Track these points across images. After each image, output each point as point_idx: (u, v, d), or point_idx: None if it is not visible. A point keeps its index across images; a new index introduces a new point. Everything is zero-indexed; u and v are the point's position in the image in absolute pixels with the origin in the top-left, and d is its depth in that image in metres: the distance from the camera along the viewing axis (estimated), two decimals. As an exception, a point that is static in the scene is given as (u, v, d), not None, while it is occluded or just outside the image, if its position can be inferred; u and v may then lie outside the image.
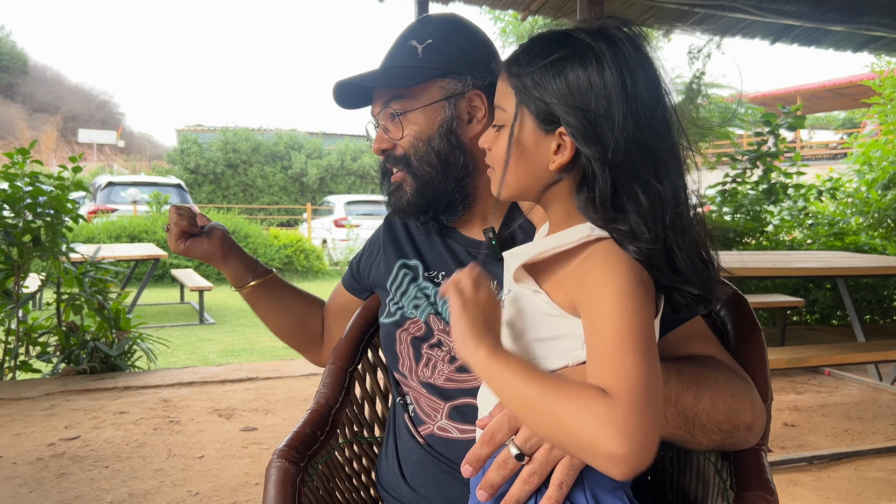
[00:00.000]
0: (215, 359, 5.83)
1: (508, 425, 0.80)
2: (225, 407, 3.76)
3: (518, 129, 0.84)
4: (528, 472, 0.78)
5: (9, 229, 4.12)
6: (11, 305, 4.25)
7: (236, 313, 8.38)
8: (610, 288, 0.76)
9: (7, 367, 4.32)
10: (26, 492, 2.67)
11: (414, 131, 1.15)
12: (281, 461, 1.06)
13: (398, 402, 1.17)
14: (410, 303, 1.16)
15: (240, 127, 24.25)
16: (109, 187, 13.90)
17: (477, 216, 1.17)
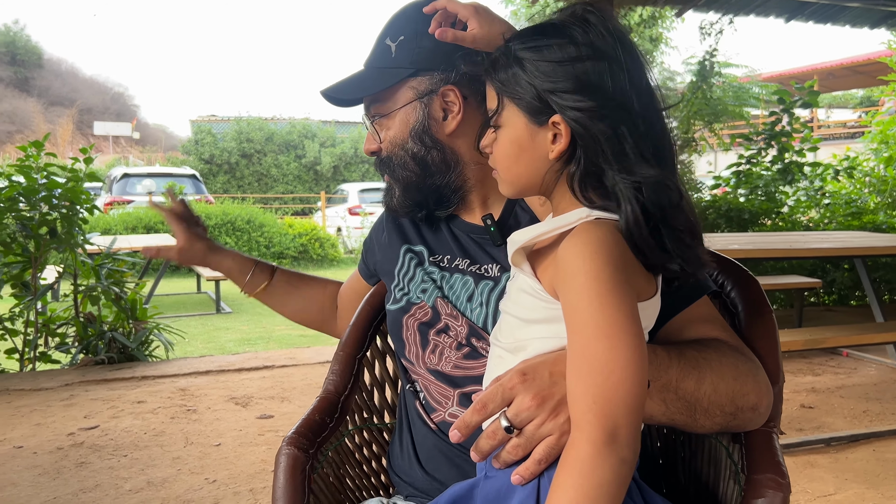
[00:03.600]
0: (232, 347, 5.88)
1: (502, 396, 0.81)
2: (241, 395, 3.79)
3: (511, 127, 0.86)
4: (514, 444, 0.81)
5: (25, 222, 4.16)
6: (30, 297, 4.30)
7: (252, 302, 8.42)
8: (577, 278, 0.76)
9: (27, 358, 4.38)
10: (47, 480, 2.70)
11: (390, 136, 1.15)
12: (290, 448, 1.07)
13: (408, 389, 1.17)
14: (417, 287, 1.16)
15: (253, 116, 24.33)
16: (125, 179, 14.01)
17: (476, 202, 1.17)
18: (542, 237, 0.84)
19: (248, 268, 1.41)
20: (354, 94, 1.17)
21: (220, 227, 11.76)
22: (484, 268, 1.12)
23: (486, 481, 0.85)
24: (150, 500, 2.53)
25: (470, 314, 1.10)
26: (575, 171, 0.82)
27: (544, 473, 0.79)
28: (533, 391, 0.79)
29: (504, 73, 0.85)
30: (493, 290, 1.09)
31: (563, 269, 0.78)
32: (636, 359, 0.73)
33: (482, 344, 1.07)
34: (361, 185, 16.31)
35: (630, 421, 0.72)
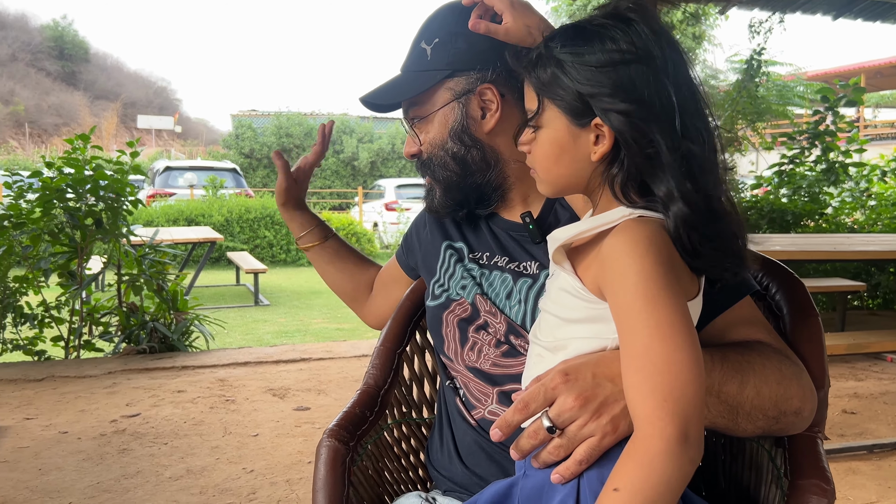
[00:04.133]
0: (269, 339, 5.96)
1: (544, 396, 0.81)
2: (279, 387, 3.84)
3: (552, 128, 0.85)
4: (556, 445, 0.81)
5: (73, 212, 4.26)
6: (75, 287, 4.41)
7: (290, 295, 8.53)
8: (628, 276, 0.76)
9: (72, 346, 4.49)
10: (91, 466, 2.77)
11: (429, 138, 1.16)
12: (331, 440, 1.08)
13: (447, 386, 1.17)
14: (457, 284, 1.17)
15: (293, 111, 24.58)
16: (167, 172, 14.28)
17: (516, 199, 1.17)
18: (583, 235, 0.84)
19: (310, 225, 1.45)
20: (393, 98, 1.18)
21: (259, 220, 11.91)
22: (523, 265, 1.12)
23: (526, 479, 0.85)
24: (189, 487, 2.58)
25: (509, 311, 1.10)
26: (617, 173, 0.82)
27: (584, 474, 0.79)
28: (575, 392, 0.79)
29: (544, 73, 0.85)
30: (532, 287, 1.09)
31: (611, 268, 0.78)
32: (697, 358, 0.73)
33: (521, 342, 1.08)
34: (398, 181, 16.38)
35: (699, 420, 0.72)
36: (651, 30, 0.81)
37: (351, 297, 1.49)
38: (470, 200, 1.16)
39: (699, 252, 0.80)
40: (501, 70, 1.10)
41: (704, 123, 0.82)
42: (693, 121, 0.80)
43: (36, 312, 4.45)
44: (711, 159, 0.83)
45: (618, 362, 0.79)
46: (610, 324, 0.80)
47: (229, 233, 11.38)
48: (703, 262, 0.81)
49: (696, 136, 0.80)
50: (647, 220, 0.80)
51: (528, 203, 1.16)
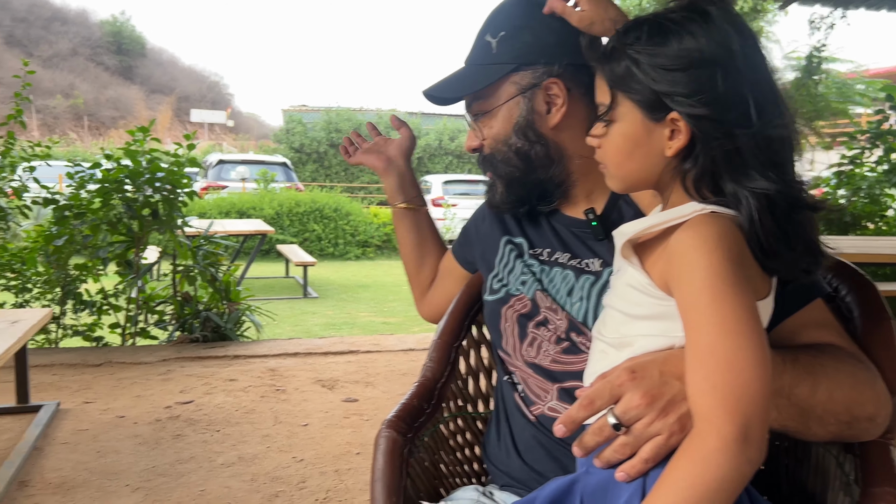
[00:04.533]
0: (318, 331, 6.03)
1: (610, 393, 0.80)
2: (328, 378, 3.88)
3: (625, 123, 0.84)
4: (622, 443, 0.79)
5: (130, 203, 4.37)
6: (132, 275, 4.53)
7: (338, 288, 8.63)
8: (696, 272, 0.75)
9: (128, 333, 4.62)
10: (146, 450, 2.85)
11: (492, 133, 1.15)
12: (389, 431, 1.09)
13: (505, 381, 1.17)
14: (517, 279, 1.16)
15: (342, 107, 24.81)
16: (220, 165, 14.56)
17: (580, 196, 1.16)
18: (651, 229, 0.83)
19: (407, 194, 1.43)
20: (456, 92, 1.17)
21: (308, 214, 12.06)
22: (585, 262, 1.11)
23: (588, 477, 0.84)
24: (240, 474, 2.63)
25: (570, 308, 1.09)
26: (691, 168, 0.81)
27: (650, 473, 0.78)
28: (642, 389, 0.78)
29: (618, 67, 0.83)
30: (595, 284, 1.08)
31: (679, 263, 0.76)
32: (764, 357, 0.72)
33: (582, 339, 1.07)
34: (445, 177, 16.40)
35: (761, 420, 0.71)
36: (730, 22, 0.79)
37: (422, 280, 1.45)
38: (532, 196, 1.15)
39: (774, 251, 0.78)
40: (568, 64, 1.09)
41: (782, 119, 0.80)
42: (771, 117, 0.79)
43: (94, 300, 4.58)
44: (788, 156, 0.81)
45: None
46: (678, 321, 0.79)
47: (279, 226, 11.55)
48: (778, 262, 0.79)
49: (773, 132, 0.79)
50: (719, 216, 0.79)
51: (591, 199, 1.14)
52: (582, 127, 1.10)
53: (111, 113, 35.41)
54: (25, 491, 2.47)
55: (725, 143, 0.77)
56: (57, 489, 2.49)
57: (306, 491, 2.51)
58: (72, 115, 33.77)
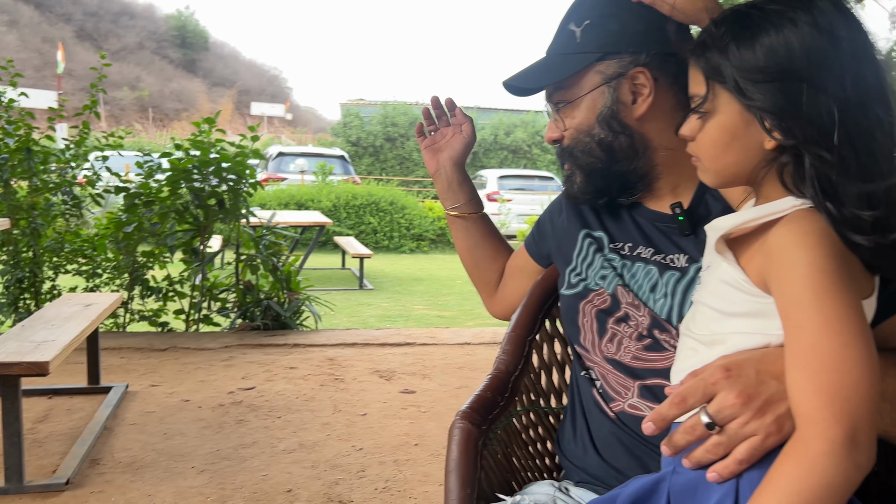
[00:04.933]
0: (373, 323, 6.08)
1: (703, 391, 0.78)
2: (385, 369, 3.91)
3: (722, 115, 0.81)
4: (715, 443, 0.77)
5: (197, 192, 4.48)
6: (197, 263, 4.64)
7: (393, 281, 8.68)
8: (798, 269, 0.72)
9: (192, 320, 4.73)
10: (211, 433, 2.92)
11: (575, 123, 1.13)
12: (464, 422, 1.09)
13: (582, 376, 1.15)
14: (596, 274, 1.14)
15: (399, 101, 24.93)
16: (280, 157, 14.80)
17: (664, 189, 1.13)
18: (747, 224, 0.81)
19: (469, 194, 1.40)
20: (538, 82, 1.15)
21: (364, 207, 12.17)
22: (670, 258, 1.09)
23: (676, 476, 0.82)
24: (301, 461, 2.67)
25: (653, 305, 1.07)
26: (790, 162, 0.78)
27: (744, 474, 0.76)
28: (738, 388, 0.76)
29: (715, 57, 0.81)
30: (680, 281, 1.05)
31: (779, 260, 0.74)
32: (871, 358, 0.69)
33: (665, 336, 1.05)
34: (500, 172, 16.34)
35: (869, 423, 0.68)
36: (839, 12, 0.76)
37: (487, 281, 1.43)
38: (613, 188, 1.13)
39: (879, 248, 0.75)
40: (655, 53, 1.06)
41: (887, 111, 0.77)
42: (877, 108, 0.75)
43: (161, 286, 4.71)
44: (890, 152, 0.78)
45: (783, 360, 0.75)
46: (775, 319, 0.77)
47: (336, 218, 11.69)
48: (883, 259, 0.76)
49: (878, 124, 0.75)
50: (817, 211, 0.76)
51: (677, 193, 1.12)
52: (668, 118, 1.08)
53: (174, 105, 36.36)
54: (97, 468, 2.56)
55: (826, 142, 0.74)
56: (126, 468, 2.57)
57: (366, 480, 2.53)
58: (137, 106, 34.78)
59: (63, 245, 4.66)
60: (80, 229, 4.86)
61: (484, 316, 6.64)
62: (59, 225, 4.74)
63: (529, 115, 25.32)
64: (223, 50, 45.48)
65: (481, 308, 2.02)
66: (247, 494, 2.39)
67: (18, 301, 4.51)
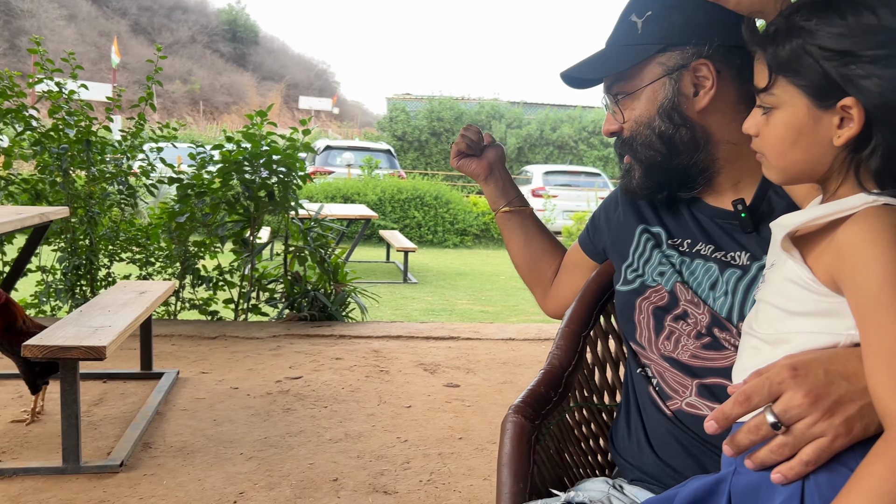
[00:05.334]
0: (417, 316, 6.11)
1: (768, 390, 0.76)
2: (429, 362, 3.93)
3: (789, 109, 0.79)
4: (780, 443, 0.75)
5: (248, 184, 4.55)
6: (246, 254, 4.71)
7: (436, 275, 8.71)
8: (874, 268, 0.70)
9: (241, 309, 4.82)
10: (259, 421, 2.96)
11: (634, 115, 1.11)
12: (517, 417, 1.08)
13: (638, 374, 1.14)
14: (654, 270, 1.13)
15: (445, 96, 24.95)
16: (327, 151, 14.97)
17: (726, 185, 1.10)
18: (815, 222, 0.79)
19: (513, 192, 1.44)
20: (598, 73, 1.14)
21: (409, 201, 12.22)
22: (731, 255, 1.06)
23: (738, 477, 0.81)
24: (347, 450, 2.70)
25: (712, 303, 1.05)
26: (868, 158, 0.75)
27: (810, 477, 0.74)
28: (805, 388, 0.74)
29: (783, 48, 0.79)
30: (742, 279, 1.03)
31: (851, 259, 0.72)
32: None
33: (725, 335, 1.03)
34: (546, 168, 16.25)
35: None
36: None
37: (539, 279, 1.43)
38: (673, 182, 1.11)
39: None
40: (719, 45, 1.04)
41: None
42: None
43: (211, 275, 4.80)
44: None
45: (853, 360, 0.73)
46: (843, 319, 0.75)
47: (381, 212, 11.77)
48: None
49: None
50: (893, 209, 0.74)
51: (738, 189, 1.09)
52: (731, 111, 1.06)
53: (224, 98, 36.94)
54: (149, 452, 2.63)
55: None
56: (178, 452, 2.63)
57: (410, 472, 2.55)
58: (189, 99, 35.43)
59: (118, 234, 4.79)
60: (135, 219, 4.99)
61: (528, 312, 6.62)
62: (114, 214, 4.87)
63: (576, 110, 25.12)
64: (273, 44, 46.03)
65: (525, 304, 1.97)
66: (294, 482, 2.43)
67: (75, 287, 4.65)
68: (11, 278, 3.57)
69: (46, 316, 4.63)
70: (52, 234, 4.56)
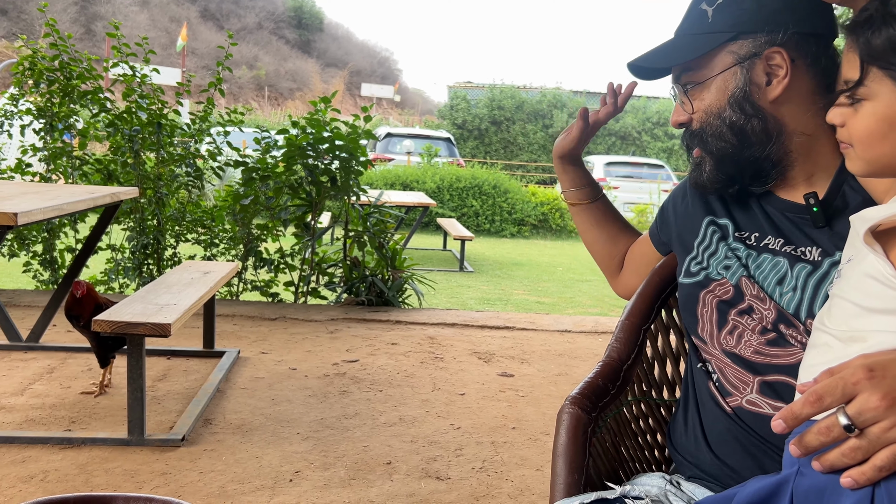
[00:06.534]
0: (473, 305, 6.12)
1: (842, 391, 0.73)
2: (483, 351, 3.93)
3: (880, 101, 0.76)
4: (853, 447, 0.72)
5: (311, 169, 4.62)
6: (308, 238, 4.79)
7: (493, 265, 8.70)
8: None
9: (300, 292, 4.90)
10: (316, 402, 3.02)
11: (704, 105, 1.08)
12: (573, 408, 1.07)
13: (698, 368, 1.12)
14: (719, 263, 1.10)
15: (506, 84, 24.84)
16: (388, 138, 15.08)
17: (798, 178, 1.07)
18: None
19: (583, 182, 1.38)
20: (667, 62, 1.12)
21: (468, 189, 12.23)
22: (801, 250, 1.03)
23: (802, 478, 0.78)
24: (401, 434, 2.73)
25: (779, 298, 1.02)
26: None
27: (881, 483, 0.71)
28: (882, 390, 0.71)
29: (878, 37, 0.75)
30: (812, 274, 1.00)
31: None
32: None
33: (792, 332, 1.00)
34: (607, 158, 16.04)
35: None
36: None
37: (607, 264, 1.41)
38: (744, 175, 1.08)
39: None
40: (794, 33, 1.01)
41: None
42: None
43: (273, 258, 4.90)
44: None
45: None
46: None
47: (439, 200, 11.80)
48: None
49: None
50: None
51: (811, 182, 1.06)
52: (805, 101, 1.02)
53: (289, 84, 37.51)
54: (210, 428, 2.70)
55: None
56: (237, 429, 2.70)
57: (463, 458, 2.56)
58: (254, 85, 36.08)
59: (185, 215, 4.92)
60: (201, 200, 5.11)
61: (585, 304, 6.56)
62: (181, 196, 5.01)
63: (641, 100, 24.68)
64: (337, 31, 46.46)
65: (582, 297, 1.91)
66: (348, 463, 2.46)
67: (143, 266, 4.80)
68: (83, 255, 3.71)
69: (115, 293, 4.80)
70: (122, 214, 4.72)
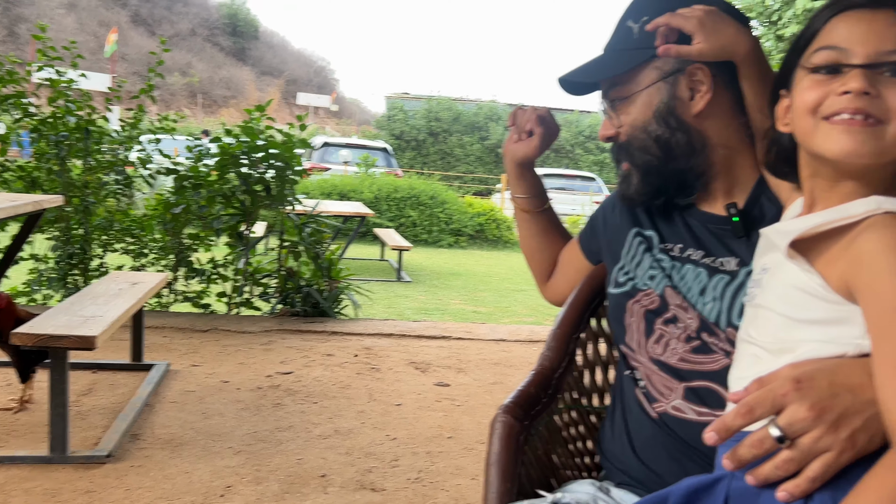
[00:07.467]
0: (410, 315, 6.11)
1: (772, 402, 0.75)
2: (420, 361, 3.93)
3: None
4: (785, 458, 0.74)
5: (245, 178, 4.55)
6: (241, 248, 4.71)
7: (430, 274, 8.71)
8: (894, 276, 0.69)
9: (233, 303, 4.81)
10: (248, 415, 2.96)
11: (630, 119, 1.12)
12: (506, 416, 1.09)
13: (626, 376, 1.15)
14: (645, 273, 1.13)
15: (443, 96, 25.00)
16: (324, 147, 14.97)
17: (719, 191, 1.11)
18: (819, 228, 0.78)
19: (535, 190, 1.39)
20: (594, 77, 1.15)
21: (405, 200, 12.23)
22: (720, 261, 1.07)
23: (737, 482, 0.79)
24: (336, 447, 2.70)
25: (702, 308, 1.06)
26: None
27: (814, 495, 0.73)
28: (810, 401, 0.73)
29: None
30: (730, 284, 1.04)
31: (872, 266, 0.71)
32: None
33: (714, 339, 1.03)
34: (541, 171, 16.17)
35: None
36: None
37: (542, 271, 1.41)
38: (670, 187, 1.11)
39: None
40: None
41: None
42: None
43: (205, 268, 4.79)
44: None
45: (857, 371, 0.73)
46: (853, 328, 0.74)
47: (377, 210, 11.76)
48: None
49: None
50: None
51: (731, 195, 1.10)
52: (727, 116, 1.07)
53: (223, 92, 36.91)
54: (137, 443, 2.62)
55: None
56: (166, 444, 2.62)
57: (399, 469, 2.55)
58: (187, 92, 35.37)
59: (112, 224, 4.77)
60: (130, 209, 4.97)
61: (520, 314, 6.63)
62: (109, 204, 4.86)
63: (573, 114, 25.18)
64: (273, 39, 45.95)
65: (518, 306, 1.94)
66: (281, 477, 2.43)
67: (68, 276, 4.63)
68: (3, 266, 3.56)
69: (38, 304, 4.61)
70: (45, 223, 4.54)
